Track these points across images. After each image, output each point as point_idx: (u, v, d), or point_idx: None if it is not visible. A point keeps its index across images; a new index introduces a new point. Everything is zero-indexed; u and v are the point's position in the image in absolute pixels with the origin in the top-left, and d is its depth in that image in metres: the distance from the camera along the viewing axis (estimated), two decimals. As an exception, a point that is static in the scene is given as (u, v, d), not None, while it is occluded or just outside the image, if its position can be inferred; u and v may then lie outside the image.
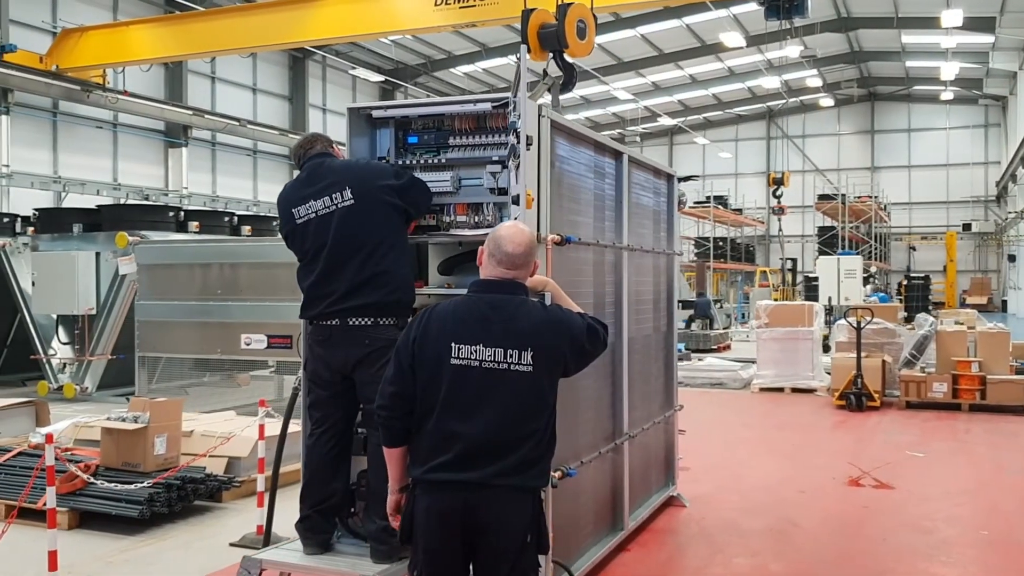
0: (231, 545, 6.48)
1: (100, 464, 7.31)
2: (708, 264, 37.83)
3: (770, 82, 38.26)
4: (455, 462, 3.29)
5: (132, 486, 6.77)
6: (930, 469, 9.10)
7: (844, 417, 12.24)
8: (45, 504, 6.88)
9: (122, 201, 22.25)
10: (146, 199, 23.33)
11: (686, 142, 48.88)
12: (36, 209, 15.77)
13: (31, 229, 15.12)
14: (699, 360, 16.97)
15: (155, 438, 7.21)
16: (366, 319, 4.32)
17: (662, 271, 7.52)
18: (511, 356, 3.34)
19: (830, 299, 21.46)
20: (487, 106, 4.81)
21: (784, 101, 44.00)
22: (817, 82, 41.30)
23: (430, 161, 5.00)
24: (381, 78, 34.94)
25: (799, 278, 36.60)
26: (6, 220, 15.58)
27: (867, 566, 6.08)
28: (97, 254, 13.92)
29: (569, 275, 5.48)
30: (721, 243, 40.61)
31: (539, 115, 4.89)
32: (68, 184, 22.38)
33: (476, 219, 4.86)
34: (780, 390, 14.56)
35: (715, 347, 22.03)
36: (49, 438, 5.33)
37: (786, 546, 6.48)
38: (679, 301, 29.58)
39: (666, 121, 44.65)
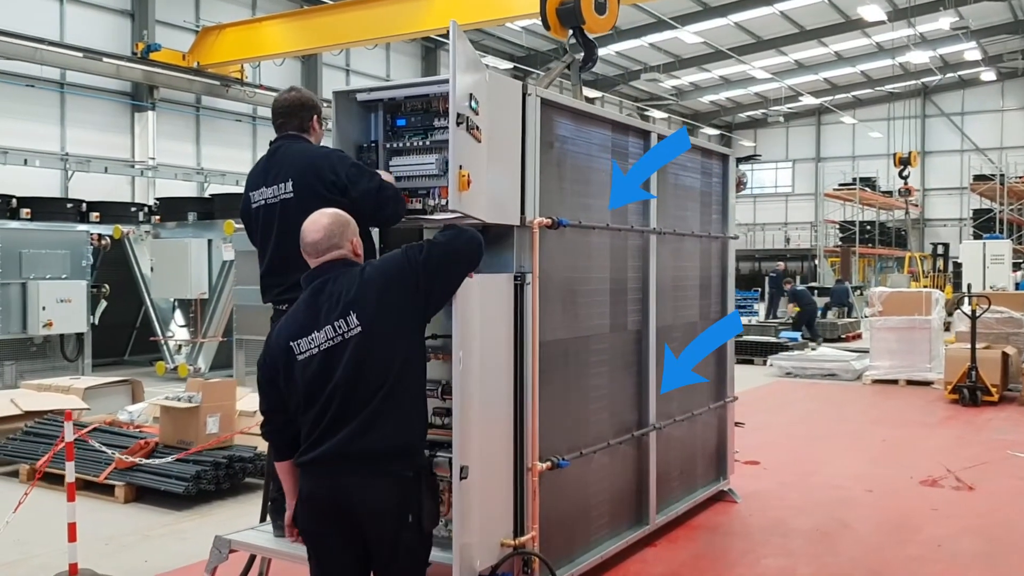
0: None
1: (159, 441, 7.62)
2: (853, 249, 36.26)
3: (923, 57, 36.15)
4: (316, 444, 3.32)
5: (161, 461, 7.03)
6: (1027, 471, 8.39)
7: (953, 412, 11.45)
8: (106, 478, 7.29)
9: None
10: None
11: (834, 122, 46.84)
12: (157, 198, 16.62)
13: (156, 218, 15.97)
14: (812, 350, 16.23)
15: (207, 417, 7.45)
16: None
17: (713, 256, 7.18)
18: (340, 327, 3.31)
19: (970, 286, 20.07)
20: (465, 86, 4.66)
21: (940, 77, 41.47)
22: (977, 55, 38.66)
23: (418, 144, 4.89)
24: (510, 65, 35.01)
25: (951, 264, 34.49)
26: (133, 209, 16.49)
27: (906, 574, 5.64)
28: (209, 241, 14.56)
29: (574, 259, 5.31)
30: (868, 227, 38.78)
31: (524, 94, 4.72)
32: (209, 175, 23.53)
33: (459, 202, 4.73)
34: (894, 382, 13.78)
35: (843, 336, 21.03)
36: (68, 415, 5.56)
37: (826, 549, 6.09)
38: (815, 288, 28.75)
39: (810, 100, 42.89)
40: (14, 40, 19.75)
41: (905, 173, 22.08)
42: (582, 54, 6.30)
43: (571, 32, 6.27)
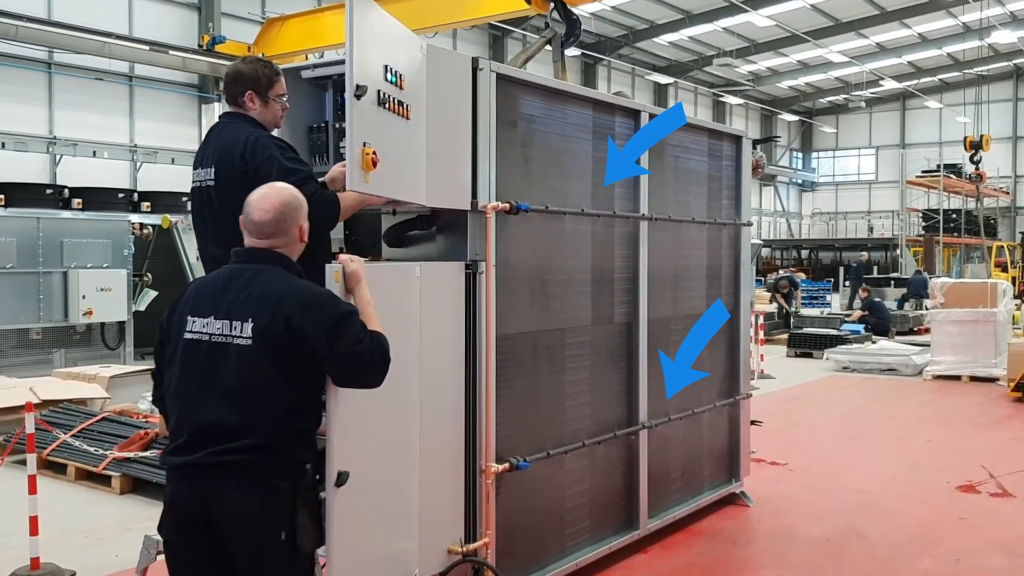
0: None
1: (159, 432, 7.53)
2: (937, 239, 34.81)
3: (1013, 37, 34.43)
4: (184, 446, 2.99)
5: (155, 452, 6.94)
6: (1080, 477, 7.72)
7: (1014, 411, 10.71)
8: (105, 469, 7.24)
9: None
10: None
11: (919, 107, 45.10)
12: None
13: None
14: (872, 343, 15.49)
15: (204, 409, 7.32)
16: None
17: (722, 244, 6.75)
18: (234, 328, 2.99)
19: (1050, 277, 18.97)
20: (405, 61, 4.35)
21: (1032, 57, 39.53)
22: (1073, 34, 36.74)
23: (367, 124, 4.62)
24: (578, 52, 34.50)
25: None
26: (184, 199, 16.61)
27: (911, 591, 5.18)
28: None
29: (544, 246, 4.98)
30: (954, 216, 37.16)
31: (476, 68, 4.40)
32: (275, 165, 23.69)
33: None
34: (957, 378, 13.01)
35: (915, 328, 20.10)
36: (29, 407, 5.47)
37: (830, 560, 5.63)
38: (891, 279, 27.61)
39: (893, 85, 41.31)
40: (83, 35, 20.17)
41: (976, 158, 21.00)
42: (564, 29, 5.94)
43: (552, 6, 5.91)
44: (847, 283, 28.96)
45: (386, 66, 3.66)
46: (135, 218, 15.01)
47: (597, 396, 5.41)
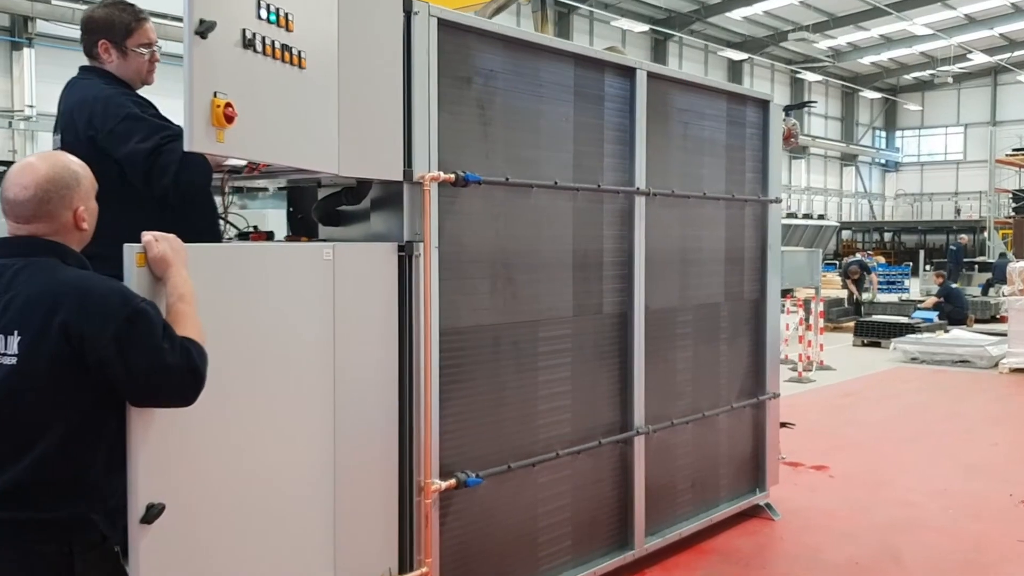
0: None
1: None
2: (1029, 221, 32.86)
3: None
4: None
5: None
6: None
7: (1097, 412, 9.64)
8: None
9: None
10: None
11: (1012, 82, 42.75)
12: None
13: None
14: (944, 333, 14.34)
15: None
16: None
17: (746, 224, 5.94)
18: None
19: None
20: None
21: None
22: None
23: (296, 83, 3.98)
24: (646, 27, 33.40)
25: None
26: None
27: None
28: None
29: (509, 225, 4.27)
30: (1048, 196, 35.06)
31: (410, 11, 3.71)
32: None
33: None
34: (1035, 372, 11.90)
35: (997, 316, 18.74)
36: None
37: (855, 591, 4.84)
38: (975, 263, 26.18)
39: (982, 59, 39.12)
40: (175, 23, 20.04)
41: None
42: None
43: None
44: (928, 267, 27.59)
45: (259, 1, 3.00)
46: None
47: (580, 399, 4.69)
